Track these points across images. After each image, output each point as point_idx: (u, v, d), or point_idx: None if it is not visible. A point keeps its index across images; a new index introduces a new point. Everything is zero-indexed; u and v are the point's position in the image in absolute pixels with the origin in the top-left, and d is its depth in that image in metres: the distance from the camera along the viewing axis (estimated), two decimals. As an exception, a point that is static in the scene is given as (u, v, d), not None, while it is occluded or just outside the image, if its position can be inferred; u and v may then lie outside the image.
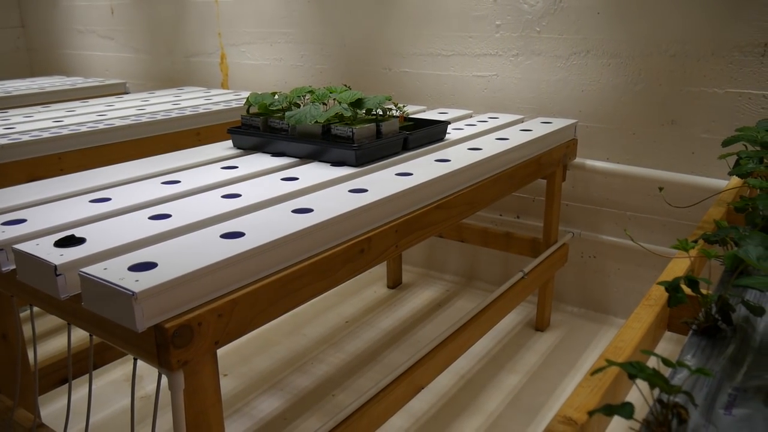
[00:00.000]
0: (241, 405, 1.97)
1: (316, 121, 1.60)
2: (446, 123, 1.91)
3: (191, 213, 1.23)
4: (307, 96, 1.78)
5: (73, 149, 2.11)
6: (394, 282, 2.80)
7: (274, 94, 1.85)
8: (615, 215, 2.38)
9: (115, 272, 0.95)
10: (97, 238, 1.09)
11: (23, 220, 1.19)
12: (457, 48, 2.56)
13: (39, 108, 2.68)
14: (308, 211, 1.24)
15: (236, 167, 1.59)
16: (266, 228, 1.14)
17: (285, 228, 1.14)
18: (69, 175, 1.53)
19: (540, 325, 2.41)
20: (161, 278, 0.92)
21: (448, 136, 1.95)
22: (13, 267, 1.11)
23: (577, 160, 2.35)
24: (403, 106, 1.90)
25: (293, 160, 1.68)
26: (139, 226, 1.16)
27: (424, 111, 2.47)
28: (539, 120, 2.26)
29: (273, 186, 1.42)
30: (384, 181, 1.45)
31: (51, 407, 1.94)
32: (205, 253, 1.02)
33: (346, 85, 1.97)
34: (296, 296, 1.13)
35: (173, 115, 2.45)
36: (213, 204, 1.29)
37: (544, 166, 2.03)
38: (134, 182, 1.48)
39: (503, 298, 1.93)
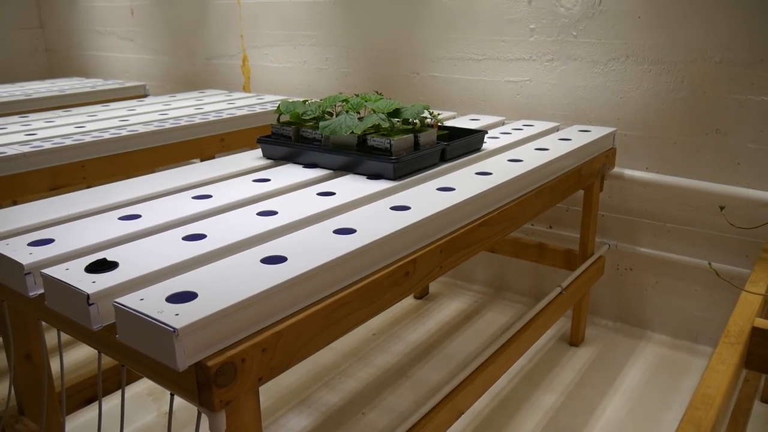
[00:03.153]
0: (270, 422, 1.90)
1: (352, 132, 1.53)
2: (483, 132, 1.84)
3: (227, 233, 1.16)
4: (339, 105, 1.71)
5: (96, 156, 2.05)
6: (421, 292, 2.72)
7: (305, 101, 1.78)
8: (653, 227, 2.29)
9: (152, 304, 0.88)
10: (130, 261, 1.03)
11: (51, 240, 1.13)
12: (488, 52, 2.48)
13: (60, 112, 2.63)
14: (351, 231, 1.17)
15: (268, 180, 1.52)
16: (309, 251, 1.07)
17: (329, 251, 1.07)
18: (96, 189, 1.47)
19: (575, 340, 2.32)
20: (203, 311, 0.85)
21: (485, 146, 1.87)
22: (41, 291, 1.04)
23: (615, 169, 2.27)
24: (438, 114, 1.82)
25: (327, 172, 1.61)
26: (174, 247, 1.09)
27: (455, 117, 2.39)
28: (576, 128, 2.17)
29: (309, 201, 1.35)
30: (426, 197, 1.37)
31: (69, 425, 1.89)
32: (248, 282, 0.95)
33: (377, 92, 1.90)
34: (341, 325, 1.06)
35: (197, 120, 2.39)
36: (249, 222, 1.22)
37: (584, 178, 1.94)
38: (164, 196, 1.41)
39: (542, 315, 1.84)
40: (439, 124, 1.84)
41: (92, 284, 0.94)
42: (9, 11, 4.38)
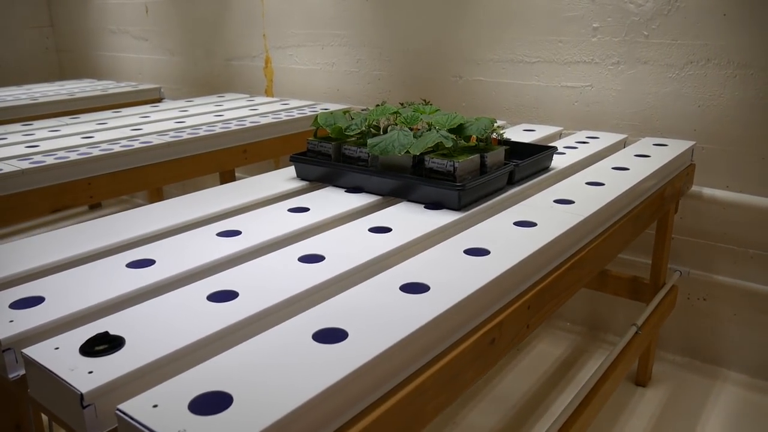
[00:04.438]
0: (300, 483, 1.65)
1: (407, 152, 1.27)
2: (553, 148, 1.57)
3: (264, 290, 0.90)
4: (385, 119, 1.45)
5: (104, 173, 1.81)
6: (462, 319, 2.46)
7: (345, 112, 1.52)
8: (733, 252, 2.01)
9: (171, 414, 0.63)
10: (141, 337, 0.78)
11: (39, 300, 0.88)
12: (543, 54, 2.21)
13: (67, 119, 2.39)
14: (423, 288, 0.91)
15: (307, 209, 1.27)
16: (373, 321, 0.81)
17: (400, 321, 0.81)
18: (101, 220, 1.22)
19: (641, 379, 2.05)
20: (243, 429, 0.60)
21: (552, 163, 1.61)
22: (23, 372, 0.79)
23: (693, 188, 1.99)
24: (500, 128, 1.55)
25: (374, 198, 1.35)
26: (197, 313, 0.83)
27: (505, 127, 2.12)
28: (650, 141, 1.90)
29: (362, 241, 1.09)
30: (504, 236, 1.11)
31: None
32: (301, 374, 0.69)
33: (425, 101, 1.64)
34: (418, 421, 0.80)
35: (217, 129, 2.14)
36: (289, 273, 0.96)
37: (667, 201, 1.68)
38: (182, 232, 1.16)
39: (621, 361, 1.58)
40: (499, 138, 1.58)
41: (88, 376, 0.69)
42: (18, 9, 4.16)
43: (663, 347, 2.21)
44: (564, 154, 1.73)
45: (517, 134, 1.98)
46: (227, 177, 2.89)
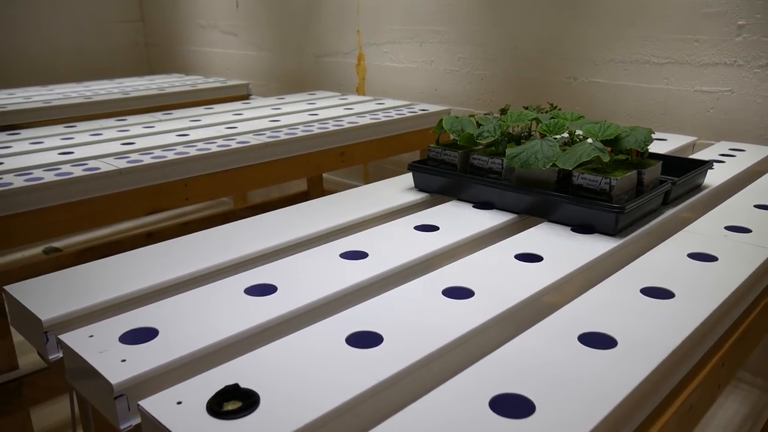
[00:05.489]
0: None
1: (554, 165, 1.10)
2: (708, 163, 1.36)
3: (411, 333, 0.75)
4: (511, 126, 1.28)
5: (201, 174, 1.72)
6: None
7: (472, 116, 1.36)
8: None
9: None
10: (276, 393, 0.64)
11: (152, 333, 0.76)
12: (674, 54, 1.98)
13: (159, 114, 2.33)
14: (607, 342, 0.73)
15: (436, 228, 1.11)
16: (563, 387, 0.65)
17: (595, 388, 0.64)
18: (209, 231, 1.10)
19: (780, 426, 1.81)
20: None
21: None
22: (137, 422, 0.67)
23: None
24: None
25: (508, 216, 1.18)
26: (338, 362, 0.69)
27: (629, 135, 1.91)
28: (808, 156, 1.66)
29: (511, 272, 0.92)
30: (684, 273, 0.92)
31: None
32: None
33: (552, 105, 1.46)
34: None
35: (315, 130, 2.02)
36: (437, 313, 0.80)
37: (839, 227, 1.44)
38: (300, 251, 1.02)
39: (779, 415, 1.36)
40: (640, 151, 1.38)
41: (221, 448, 0.56)
42: (110, 3, 4.19)
43: (804, 389, 1.95)
44: (713, 169, 1.51)
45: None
46: (316, 180, 2.78)
